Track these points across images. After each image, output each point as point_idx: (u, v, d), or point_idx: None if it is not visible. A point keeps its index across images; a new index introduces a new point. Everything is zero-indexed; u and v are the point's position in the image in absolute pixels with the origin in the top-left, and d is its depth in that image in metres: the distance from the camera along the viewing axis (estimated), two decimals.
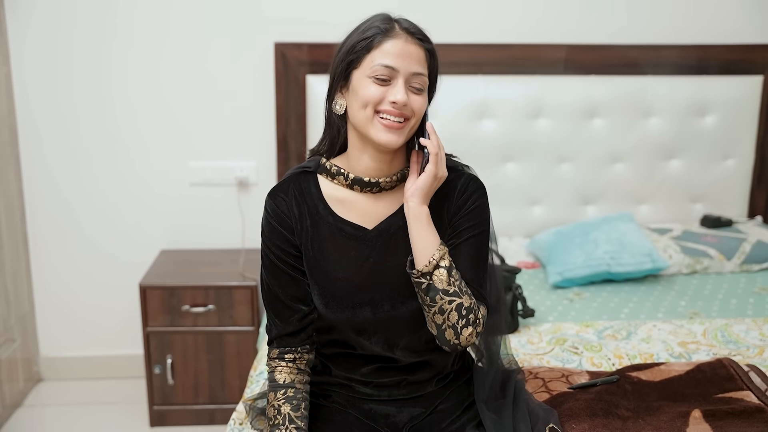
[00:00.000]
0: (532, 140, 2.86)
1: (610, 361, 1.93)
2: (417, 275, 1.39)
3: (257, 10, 2.79)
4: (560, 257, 2.56)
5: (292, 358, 1.48)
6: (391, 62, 1.36)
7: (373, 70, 1.37)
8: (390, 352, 1.48)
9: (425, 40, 1.41)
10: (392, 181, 1.47)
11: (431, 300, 1.38)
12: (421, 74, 1.39)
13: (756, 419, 1.54)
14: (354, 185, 1.46)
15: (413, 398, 1.52)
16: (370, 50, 1.38)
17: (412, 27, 1.41)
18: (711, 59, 2.91)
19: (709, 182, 2.98)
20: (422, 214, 1.40)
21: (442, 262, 1.38)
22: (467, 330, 1.39)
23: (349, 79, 1.41)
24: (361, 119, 1.39)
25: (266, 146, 2.91)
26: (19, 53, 2.76)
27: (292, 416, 1.42)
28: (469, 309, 1.39)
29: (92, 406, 2.84)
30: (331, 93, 1.45)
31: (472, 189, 1.48)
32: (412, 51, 1.38)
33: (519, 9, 2.87)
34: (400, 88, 1.37)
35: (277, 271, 1.47)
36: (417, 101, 1.39)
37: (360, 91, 1.38)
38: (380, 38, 1.37)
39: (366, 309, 1.44)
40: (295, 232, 1.46)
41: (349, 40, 1.42)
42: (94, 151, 2.87)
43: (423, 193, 1.40)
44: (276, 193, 1.49)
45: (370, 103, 1.37)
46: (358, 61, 1.39)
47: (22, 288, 2.88)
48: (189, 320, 2.62)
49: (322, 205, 1.47)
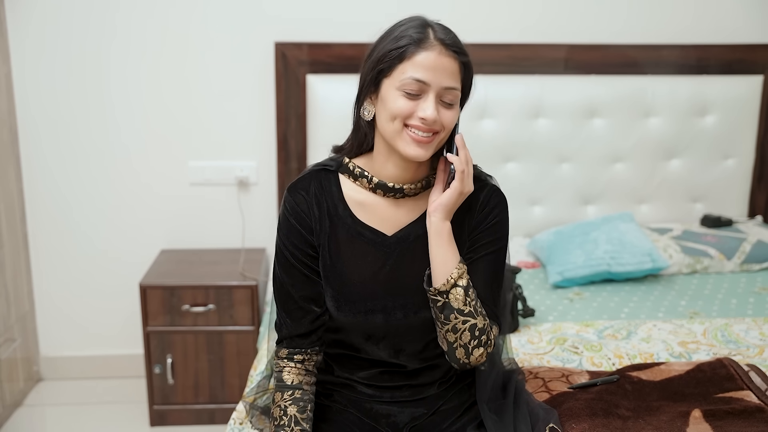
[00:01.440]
0: (532, 140, 2.86)
1: (610, 360, 1.93)
2: (434, 293, 1.37)
3: (257, 9, 2.79)
4: (560, 257, 2.56)
5: (300, 359, 1.46)
6: (423, 76, 1.31)
7: (403, 83, 1.32)
8: (395, 357, 1.48)
9: (461, 53, 1.35)
10: (416, 188, 1.44)
11: (445, 318, 1.37)
12: (454, 89, 1.34)
13: (756, 419, 1.54)
14: (377, 189, 1.44)
15: (415, 400, 1.52)
16: (402, 60, 1.32)
17: (448, 38, 1.34)
18: (711, 59, 2.91)
19: (710, 182, 2.98)
20: (444, 231, 1.38)
21: (460, 281, 1.37)
22: (478, 351, 1.39)
23: (379, 87, 1.36)
24: (389, 131, 1.36)
25: (266, 146, 2.91)
26: (19, 53, 2.76)
27: (298, 418, 1.42)
28: (482, 330, 1.38)
29: (92, 406, 2.84)
30: (360, 98, 1.41)
31: (494, 203, 1.45)
32: (445, 64, 1.32)
33: (519, 8, 2.86)
34: (431, 104, 1.32)
35: (292, 270, 1.44)
36: (447, 116, 1.35)
37: (389, 103, 1.34)
38: (413, 49, 1.31)
39: (378, 315, 1.43)
40: (314, 232, 1.44)
41: (381, 46, 1.35)
42: (94, 151, 2.87)
43: (447, 209, 1.38)
44: (296, 189, 1.45)
45: (399, 117, 1.33)
46: (389, 70, 1.33)
47: (22, 287, 2.88)
48: (189, 320, 2.62)
49: (342, 206, 1.44)
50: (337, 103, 2.75)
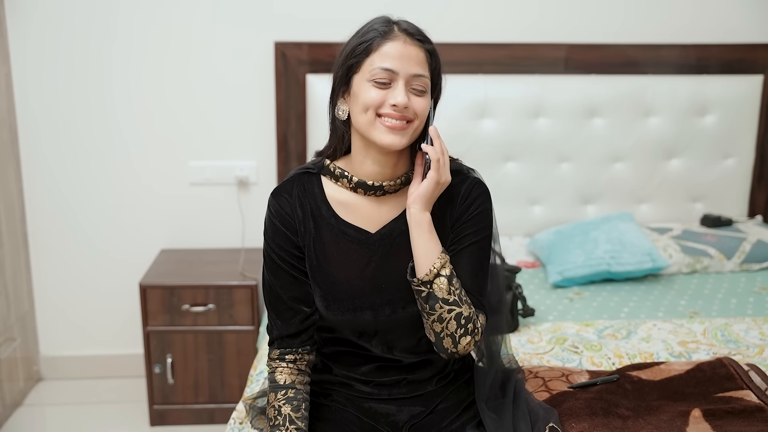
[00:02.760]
0: (532, 139, 2.86)
1: (610, 360, 1.93)
2: (417, 283, 1.38)
3: (257, 9, 2.79)
4: (560, 256, 2.56)
5: (292, 359, 1.47)
6: (390, 65, 1.34)
7: (372, 74, 1.35)
8: (389, 353, 1.48)
9: (425, 41, 1.39)
10: (396, 184, 1.46)
11: (430, 308, 1.38)
12: (422, 75, 1.37)
13: (756, 418, 1.54)
14: (357, 188, 1.45)
15: (413, 397, 1.52)
16: (369, 54, 1.36)
17: (411, 28, 1.39)
18: (711, 58, 2.91)
19: (709, 181, 2.98)
20: (424, 221, 1.39)
21: (443, 270, 1.38)
22: (465, 339, 1.39)
23: (350, 84, 1.39)
24: (363, 123, 1.38)
25: (266, 146, 2.91)
26: (19, 52, 2.76)
27: (293, 417, 1.42)
28: (468, 318, 1.39)
29: (92, 406, 2.84)
30: (333, 98, 1.44)
31: (475, 194, 1.46)
32: (411, 52, 1.36)
33: (519, 8, 2.86)
34: (401, 91, 1.35)
35: (279, 272, 1.46)
36: (419, 103, 1.38)
37: (360, 95, 1.37)
38: (379, 41, 1.35)
39: (367, 312, 1.44)
40: (298, 233, 1.46)
41: (348, 44, 1.40)
42: (94, 151, 2.87)
43: (425, 199, 1.39)
44: (279, 193, 1.48)
45: (371, 107, 1.36)
46: (358, 65, 1.37)
47: (22, 287, 2.88)
48: (189, 319, 2.62)
49: (325, 207, 1.46)
50: None
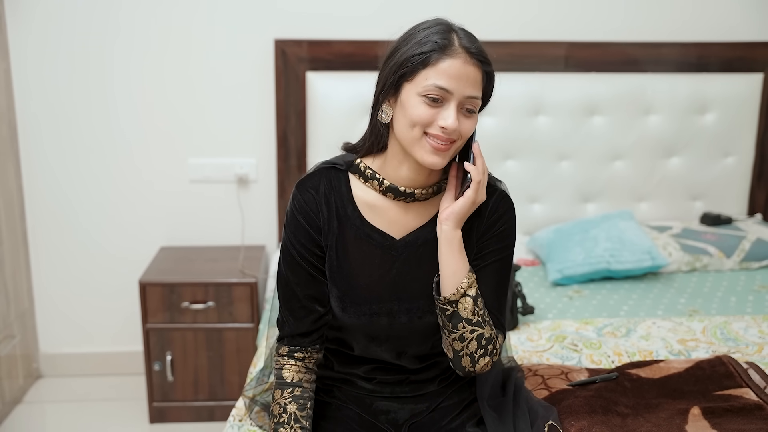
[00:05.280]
0: (532, 137, 2.86)
1: (609, 358, 1.94)
2: (443, 302, 1.37)
3: (257, 7, 2.79)
4: (560, 255, 2.57)
5: (301, 357, 1.46)
6: (446, 84, 1.28)
7: (425, 89, 1.29)
8: (398, 359, 1.48)
9: (485, 62, 1.33)
10: (428, 193, 1.43)
11: (453, 327, 1.37)
12: (475, 98, 1.32)
13: (755, 416, 1.55)
14: (387, 192, 1.42)
15: (415, 396, 1.52)
16: (425, 66, 1.29)
17: (473, 46, 1.32)
18: (711, 57, 2.91)
19: (709, 180, 2.98)
20: (455, 240, 1.37)
21: (469, 291, 1.36)
22: (484, 360, 1.38)
23: (399, 91, 1.33)
24: (408, 138, 1.33)
25: (266, 143, 2.91)
26: (19, 48, 2.75)
27: (298, 416, 1.41)
28: (489, 340, 1.38)
29: (92, 403, 2.84)
30: (378, 100, 1.38)
31: (503, 209, 1.44)
32: (469, 73, 1.30)
33: (519, 6, 2.86)
34: (452, 113, 1.29)
35: (297, 269, 1.43)
36: (466, 125, 1.32)
37: (409, 109, 1.31)
38: (437, 55, 1.29)
39: (383, 318, 1.42)
40: (321, 232, 1.42)
41: (403, 50, 1.32)
42: (94, 148, 2.87)
43: (459, 218, 1.37)
44: (305, 187, 1.43)
45: (419, 124, 1.30)
46: (412, 75, 1.30)
47: (22, 284, 2.88)
48: (189, 317, 2.62)
49: (351, 207, 1.43)
50: (337, 100, 2.75)
